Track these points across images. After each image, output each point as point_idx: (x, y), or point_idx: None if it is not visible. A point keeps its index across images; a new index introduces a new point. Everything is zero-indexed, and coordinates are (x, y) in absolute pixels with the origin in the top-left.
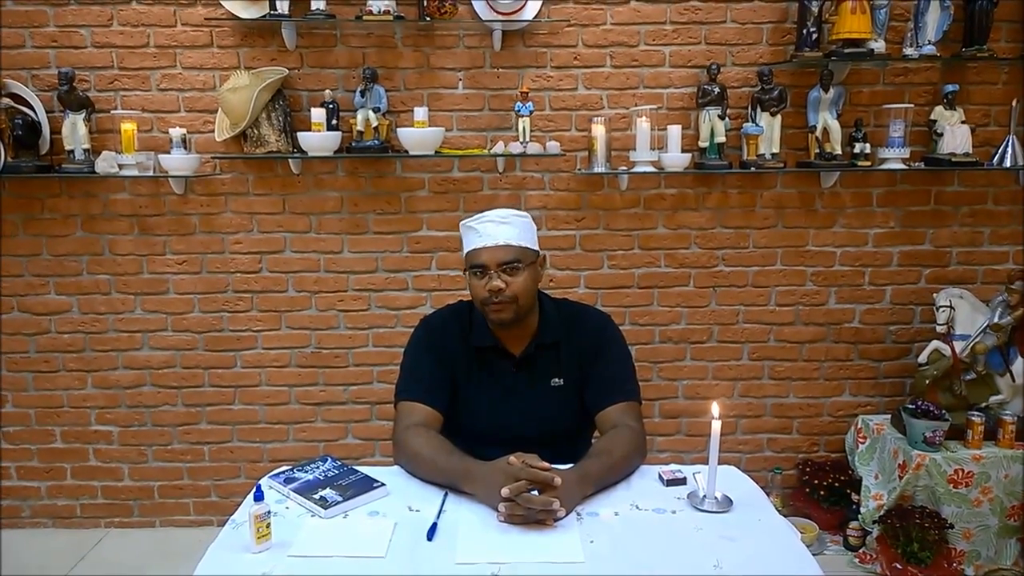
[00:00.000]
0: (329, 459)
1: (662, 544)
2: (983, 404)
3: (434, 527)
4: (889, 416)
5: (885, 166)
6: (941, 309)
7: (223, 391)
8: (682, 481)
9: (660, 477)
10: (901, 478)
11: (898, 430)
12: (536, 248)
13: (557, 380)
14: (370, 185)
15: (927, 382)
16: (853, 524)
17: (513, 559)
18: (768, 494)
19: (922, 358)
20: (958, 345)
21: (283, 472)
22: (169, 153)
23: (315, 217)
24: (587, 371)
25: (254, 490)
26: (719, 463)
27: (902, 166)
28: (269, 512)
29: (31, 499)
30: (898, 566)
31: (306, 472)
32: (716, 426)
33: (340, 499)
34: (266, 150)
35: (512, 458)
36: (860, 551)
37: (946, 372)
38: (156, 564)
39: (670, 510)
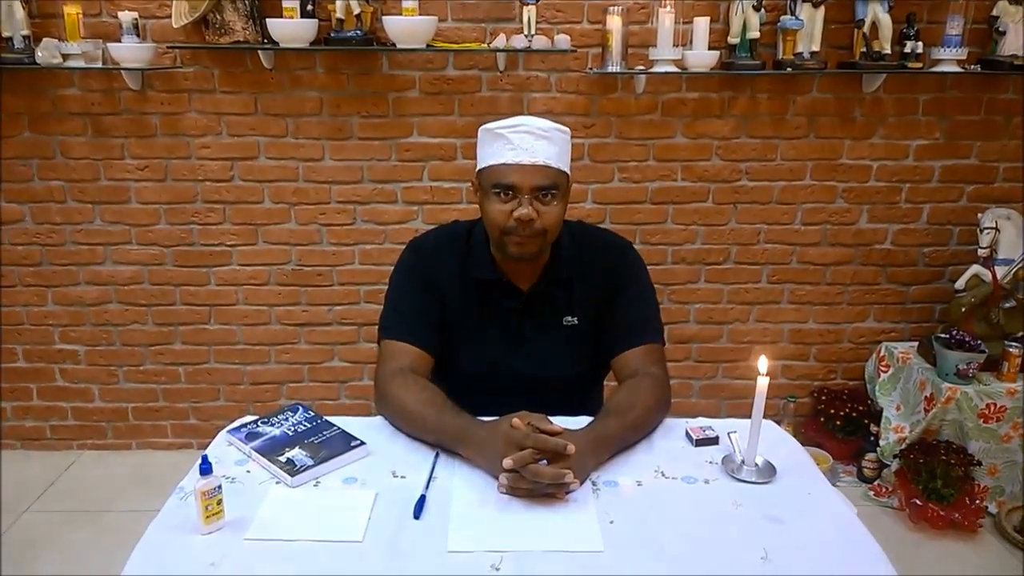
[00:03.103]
0: (300, 408)
1: (696, 526)
2: (1020, 334)
3: (422, 501)
4: (916, 344)
5: (938, 68)
6: (986, 231)
7: (197, 310)
8: (714, 441)
9: (688, 435)
10: (927, 411)
11: (926, 360)
12: (569, 173)
13: (570, 319)
14: (353, 84)
15: (963, 310)
16: (869, 456)
17: (517, 547)
18: (779, 422)
19: (960, 284)
20: (1000, 271)
21: (245, 425)
22: (120, 41)
23: (292, 120)
24: (604, 309)
25: (200, 461)
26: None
27: (957, 68)
28: (220, 487)
29: None
30: (918, 502)
31: (272, 425)
32: (763, 383)
33: (311, 462)
34: (231, 40)
35: (516, 420)
36: (875, 483)
37: (984, 300)
38: (135, 487)
39: (702, 479)
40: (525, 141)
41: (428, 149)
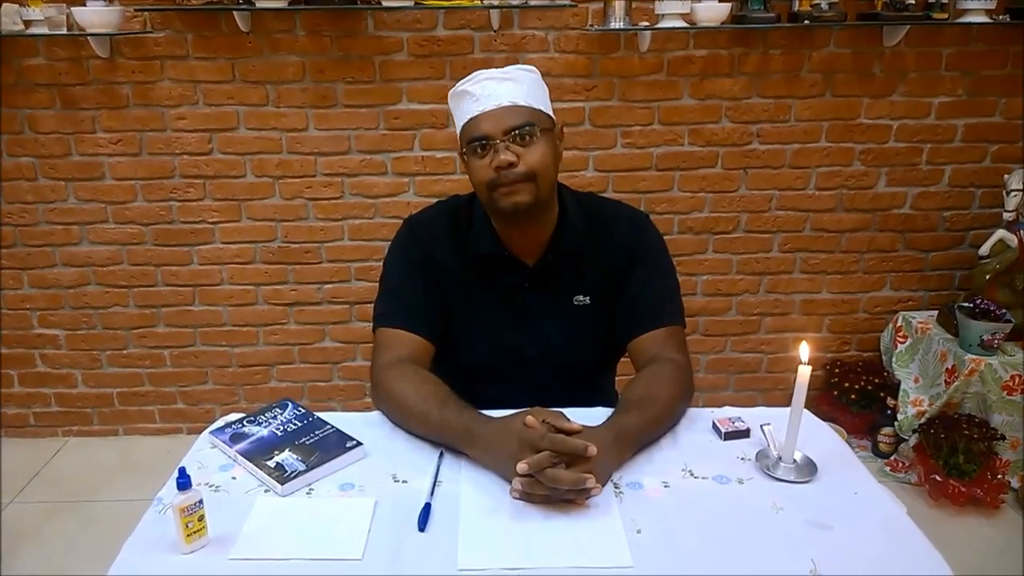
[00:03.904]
0: (290, 404)
1: (734, 534)
2: None
3: (427, 511)
4: (934, 313)
5: (965, 19)
6: (1012, 193)
7: (179, 291)
8: (744, 434)
9: (715, 427)
10: (949, 384)
11: (946, 330)
12: (551, 113)
13: (581, 298)
14: (336, 47)
15: (987, 277)
16: (886, 430)
17: (535, 564)
18: (791, 397)
19: (984, 249)
20: None
21: (230, 425)
22: (85, 5)
23: (272, 87)
24: (619, 287)
25: (177, 474)
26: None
27: (985, 19)
28: (200, 502)
29: None
30: (937, 478)
31: (259, 425)
32: (804, 372)
33: (303, 467)
34: (204, 0)
35: (530, 418)
36: (891, 458)
37: (1009, 266)
38: (123, 474)
39: (735, 478)
40: (487, 88)
41: (419, 116)
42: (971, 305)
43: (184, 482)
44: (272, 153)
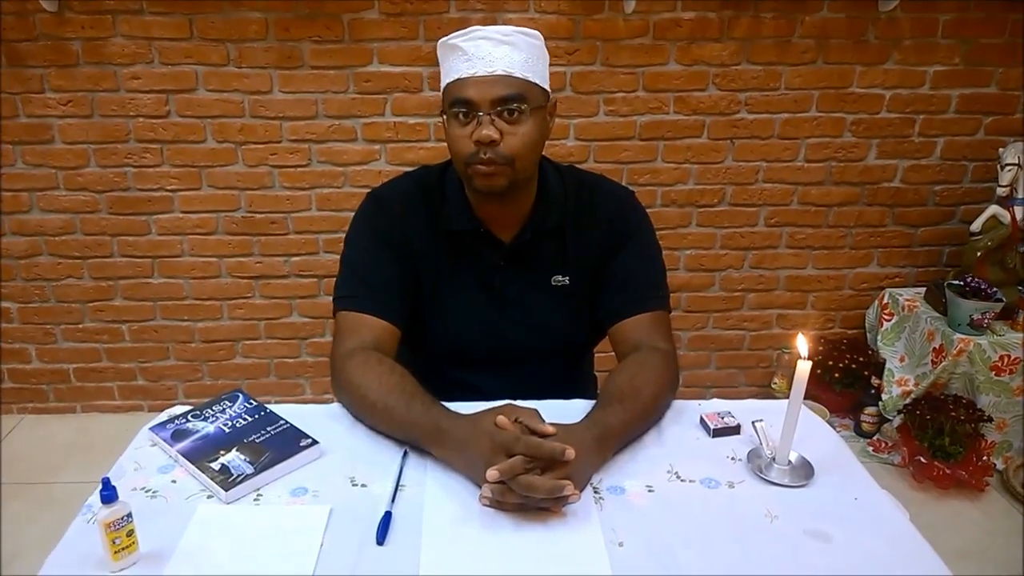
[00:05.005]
0: (240, 397)
1: (725, 547)
2: None
3: (387, 521)
4: (922, 291)
5: None
6: (1007, 168)
7: (137, 262)
8: (734, 430)
9: (703, 423)
10: (936, 364)
11: (934, 307)
12: (547, 87)
13: (560, 278)
14: (302, 4)
15: (978, 254)
16: (869, 410)
17: None
18: (773, 375)
19: (975, 226)
20: (1019, 211)
21: (173, 420)
22: None
23: (233, 45)
24: (602, 268)
25: (101, 486)
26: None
27: None
28: (129, 515)
29: None
30: (922, 460)
31: (205, 420)
32: (803, 367)
33: (250, 470)
34: None
35: (501, 418)
36: (874, 438)
37: (1001, 243)
38: (81, 453)
39: (726, 481)
40: (482, 49)
41: (390, 79)
42: (961, 283)
43: (109, 495)
44: (234, 117)
